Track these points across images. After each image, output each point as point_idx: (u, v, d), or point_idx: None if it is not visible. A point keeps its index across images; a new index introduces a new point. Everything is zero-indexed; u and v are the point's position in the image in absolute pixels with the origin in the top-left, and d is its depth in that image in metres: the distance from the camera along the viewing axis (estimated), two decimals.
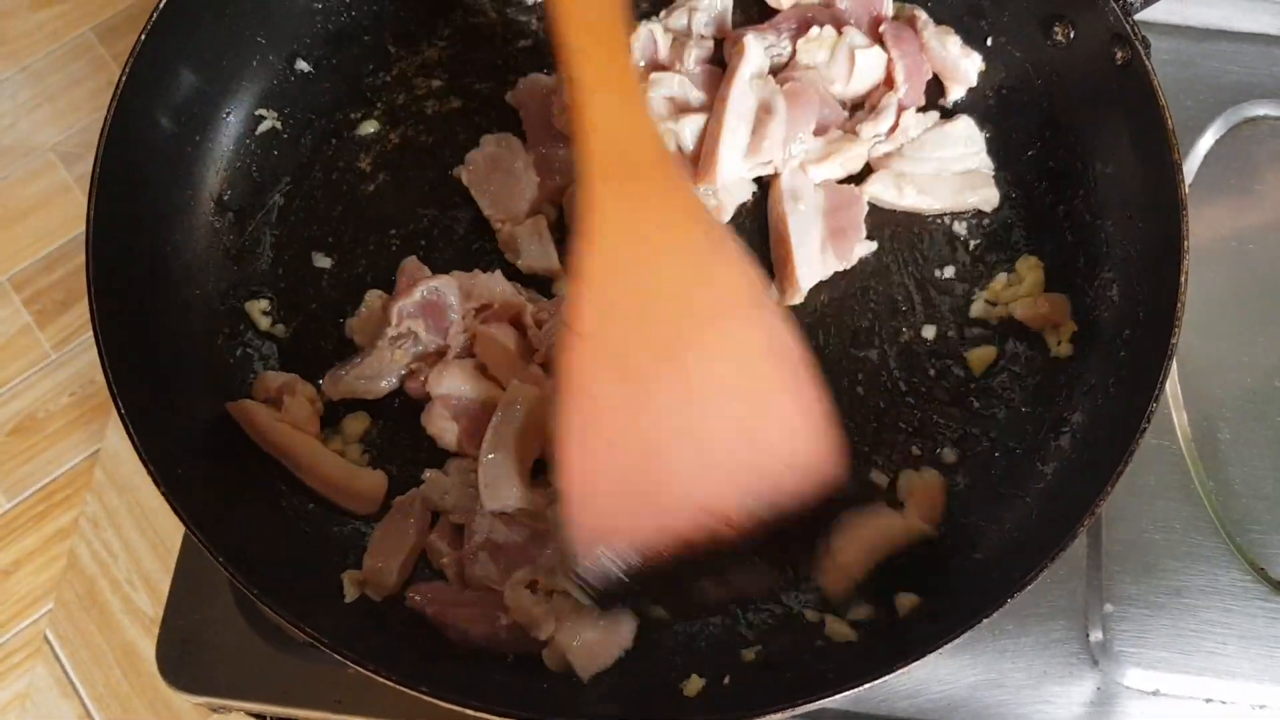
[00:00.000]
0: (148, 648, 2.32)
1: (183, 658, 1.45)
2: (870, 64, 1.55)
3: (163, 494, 1.24)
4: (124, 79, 1.38)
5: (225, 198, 1.54)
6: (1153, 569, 1.46)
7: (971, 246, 1.53)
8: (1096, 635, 1.43)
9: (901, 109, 1.54)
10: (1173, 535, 1.47)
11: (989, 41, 1.60)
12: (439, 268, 1.49)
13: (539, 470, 1.37)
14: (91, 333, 2.31)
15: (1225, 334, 1.55)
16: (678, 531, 1.25)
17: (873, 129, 1.52)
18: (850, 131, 1.54)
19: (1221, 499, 1.48)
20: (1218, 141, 1.64)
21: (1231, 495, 1.48)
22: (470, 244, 1.54)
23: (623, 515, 1.26)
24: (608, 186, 1.25)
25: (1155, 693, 1.42)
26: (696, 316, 1.26)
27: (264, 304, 1.51)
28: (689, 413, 1.26)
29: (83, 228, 1.35)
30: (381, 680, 1.18)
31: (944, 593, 1.32)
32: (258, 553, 1.31)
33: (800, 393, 1.28)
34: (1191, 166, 1.62)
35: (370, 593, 1.35)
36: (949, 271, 1.52)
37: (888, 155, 1.53)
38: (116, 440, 2.51)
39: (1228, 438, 1.51)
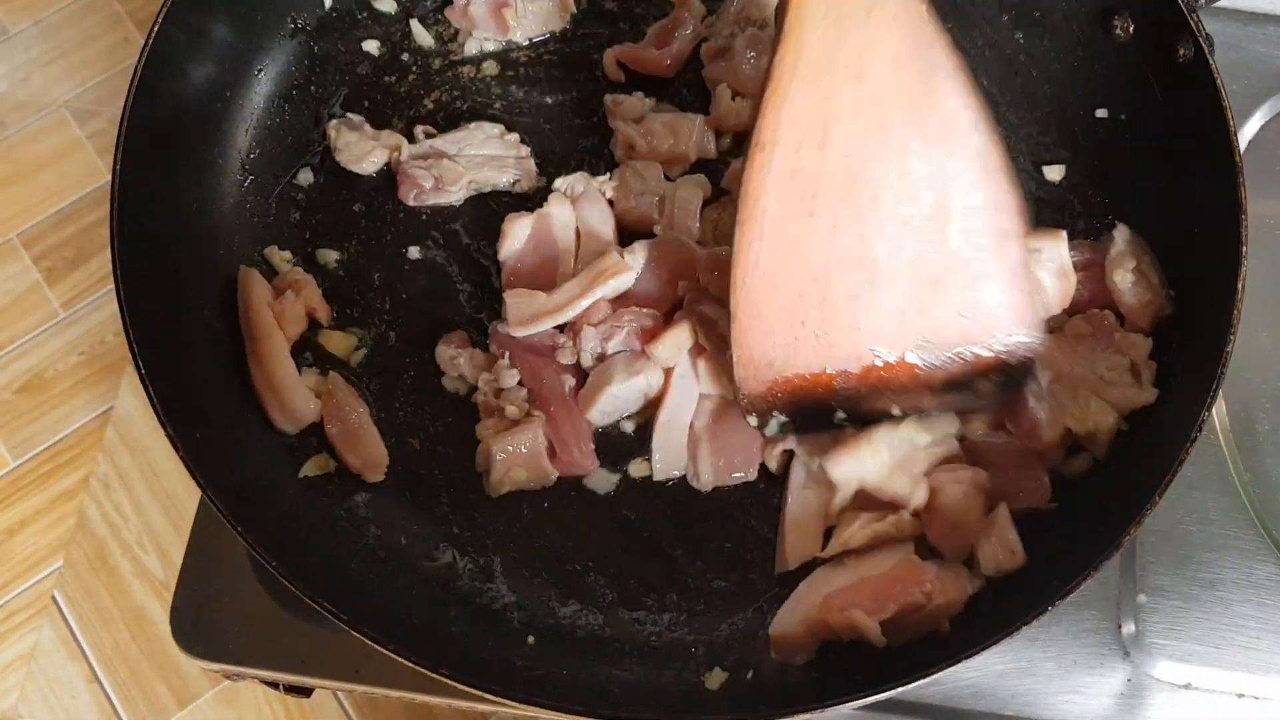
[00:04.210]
0: (157, 611, 2.31)
1: (197, 624, 1.44)
2: None
3: (181, 459, 1.23)
4: (156, 28, 1.36)
5: (253, 157, 1.52)
6: (1187, 561, 1.43)
7: None
8: (1129, 626, 1.41)
9: None
10: (1208, 527, 1.45)
11: (1045, 38, 1.57)
12: None
13: None
14: (102, 292, 2.30)
15: (1266, 324, 1.52)
16: (844, 368, 1.25)
17: None
18: None
19: (1259, 491, 1.45)
20: (1263, 127, 1.62)
21: (1269, 487, 1.46)
22: None
23: (790, 344, 1.25)
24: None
25: (1187, 686, 1.40)
26: (893, 144, 1.19)
27: (287, 254, 1.50)
28: (871, 251, 1.21)
29: (94, 185, 1.33)
30: (402, 661, 1.17)
31: (985, 595, 1.30)
32: (276, 523, 1.31)
33: (1002, 244, 1.22)
34: None
35: None
36: None
37: None
38: (130, 401, 2.49)
39: (1267, 429, 1.49)
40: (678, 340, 1.40)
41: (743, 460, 1.40)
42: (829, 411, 1.30)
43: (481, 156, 1.52)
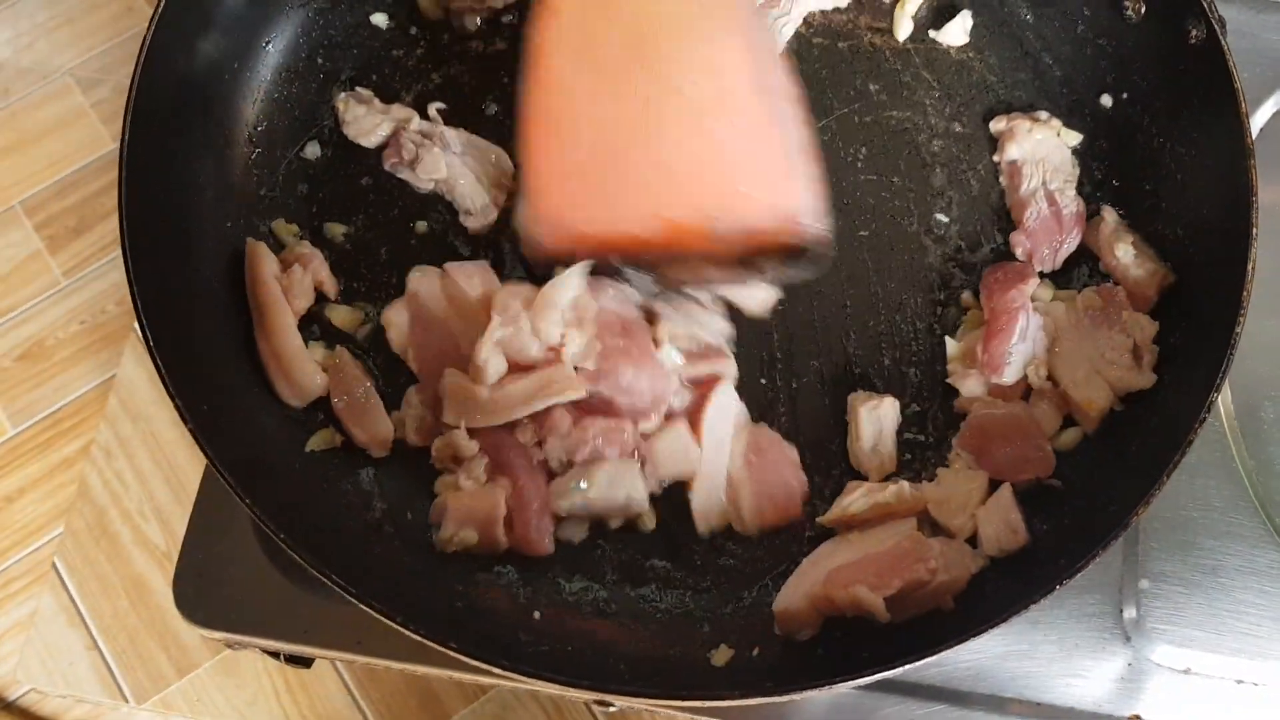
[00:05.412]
0: (157, 580, 2.30)
1: (200, 591, 1.44)
2: None
3: (190, 431, 1.23)
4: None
5: (261, 130, 1.51)
6: (1190, 547, 1.44)
7: None
8: (1130, 611, 1.42)
9: None
10: (1212, 513, 1.45)
11: (1056, 19, 1.56)
12: None
13: None
14: (103, 261, 2.29)
15: (1272, 312, 1.51)
16: (632, 232, 1.25)
17: None
18: None
19: (1263, 478, 1.46)
20: (1275, 115, 1.61)
21: (1273, 475, 1.46)
22: None
23: (579, 204, 1.26)
24: None
25: (1187, 671, 1.41)
26: (681, 21, 1.23)
27: (294, 227, 1.49)
28: (656, 115, 1.23)
29: (97, 154, 1.33)
30: (410, 634, 1.17)
31: (991, 575, 1.30)
32: (282, 496, 1.30)
33: (779, 125, 1.25)
34: None
35: None
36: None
37: None
38: (132, 369, 2.48)
39: (1272, 417, 1.49)
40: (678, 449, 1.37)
41: (786, 500, 1.37)
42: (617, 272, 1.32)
43: (472, 167, 1.50)
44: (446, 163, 1.49)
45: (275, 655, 1.48)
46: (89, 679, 2.29)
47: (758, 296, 1.42)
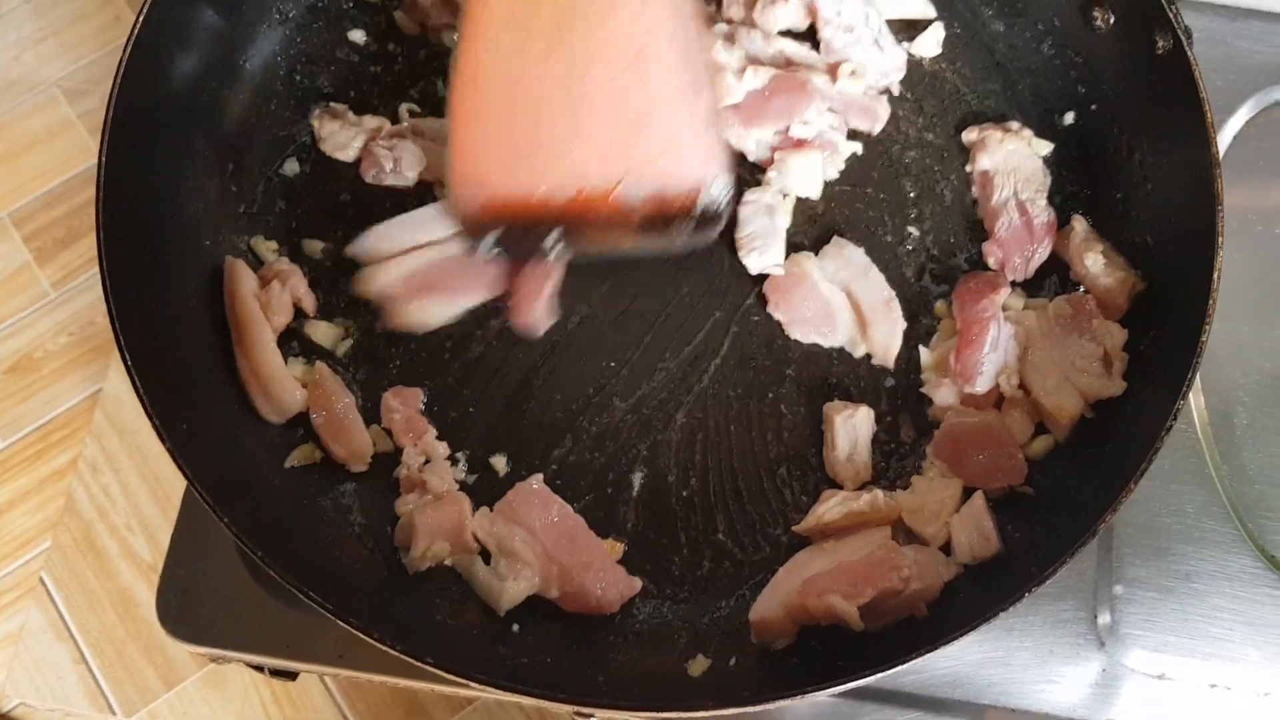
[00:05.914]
0: (144, 594, 2.32)
1: (183, 607, 1.44)
2: None
3: (167, 450, 1.23)
4: (142, 14, 1.35)
5: (239, 147, 1.52)
6: (1164, 552, 1.45)
7: None
8: (1105, 617, 1.42)
9: None
10: (1185, 519, 1.46)
11: (1026, 30, 1.57)
12: None
13: None
14: (91, 272, 2.29)
15: (1246, 318, 1.53)
16: (548, 195, 1.32)
17: None
18: None
19: (1235, 484, 1.47)
20: (1247, 123, 1.62)
21: (1245, 481, 1.47)
22: None
23: (500, 164, 1.33)
24: None
25: (1161, 676, 1.42)
26: None
27: (273, 243, 1.50)
28: (578, 80, 1.30)
29: (85, 165, 1.33)
30: (387, 649, 1.18)
31: (964, 582, 1.31)
32: (261, 513, 1.31)
33: (692, 94, 1.32)
34: (1219, 147, 1.59)
35: None
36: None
37: None
38: (118, 383, 2.49)
39: (1244, 423, 1.50)
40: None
41: None
42: (539, 236, 1.35)
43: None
44: (425, 149, 1.50)
45: (260, 668, 1.49)
46: (77, 692, 2.30)
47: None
